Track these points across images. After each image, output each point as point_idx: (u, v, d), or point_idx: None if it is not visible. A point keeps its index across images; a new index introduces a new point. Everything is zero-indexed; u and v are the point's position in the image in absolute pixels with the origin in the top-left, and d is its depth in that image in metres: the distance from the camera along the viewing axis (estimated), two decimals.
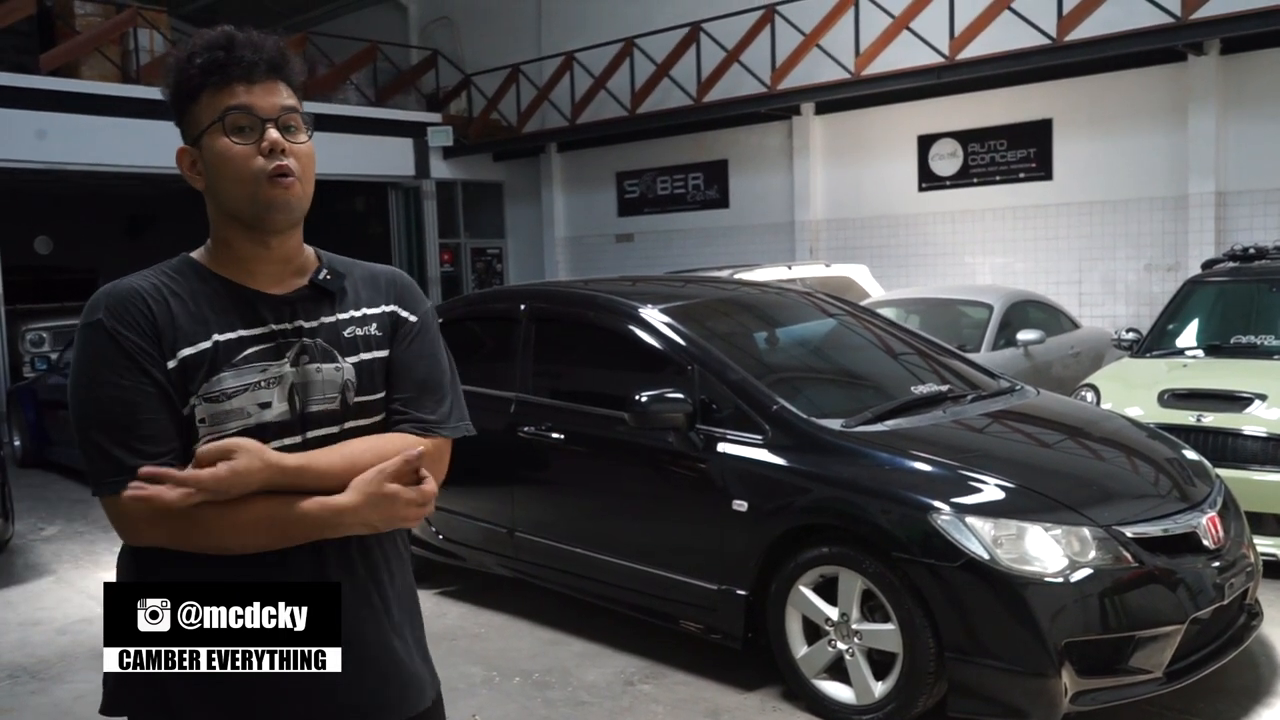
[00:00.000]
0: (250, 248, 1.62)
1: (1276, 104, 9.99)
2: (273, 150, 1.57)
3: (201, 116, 1.58)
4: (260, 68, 1.58)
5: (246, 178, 1.56)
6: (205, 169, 1.60)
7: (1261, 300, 6.56)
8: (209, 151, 1.58)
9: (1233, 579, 3.70)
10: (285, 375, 1.60)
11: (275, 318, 1.62)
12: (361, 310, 1.70)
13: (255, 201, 1.57)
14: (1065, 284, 11.37)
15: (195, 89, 1.58)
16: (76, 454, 1.58)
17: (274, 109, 1.59)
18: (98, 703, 1.71)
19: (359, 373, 1.66)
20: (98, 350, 1.53)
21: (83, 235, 18.25)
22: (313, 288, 1.67)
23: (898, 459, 3.81)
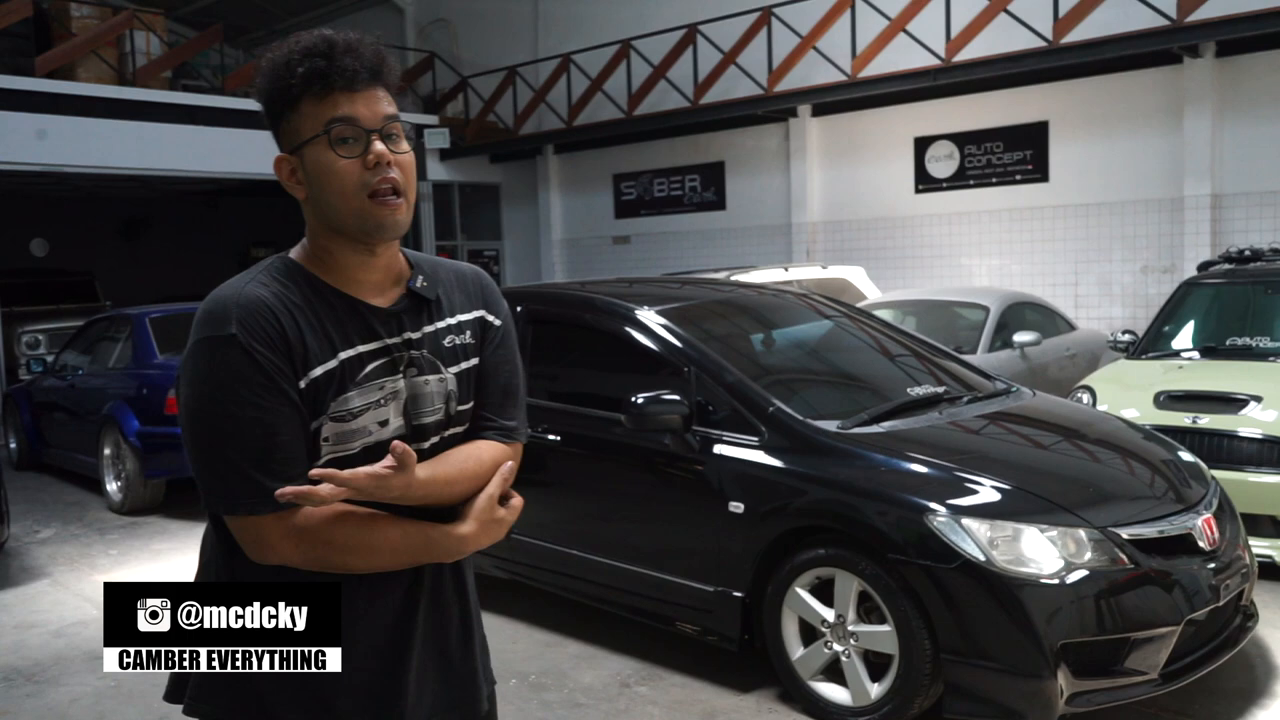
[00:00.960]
0: (355, 257, 1.59)
1: (1271, 106, 10.01)
2: (378, 164, 1.53)
3: (303, 127, 1.55)
4: (362, 75, 1.54)
5: (351, 193, 1.53)
6: (307, 179, 1.57)
7: (1257, 302, 6.57)
8: (312, 163, 1.55)
9: (1228, 580, 3.70)
10: (400, 390, 1.59)
11: (386, 331, 1.60)
12: (456, 317, 1.69)
13: (362, 218, 1.54)
14: (1061, 286, 11.39)
15: (295, 97, 1.54)
16: (71, 457, 1.57)
17: (377, 119, 1.55)
18: (92, 706, 1.70)
19: (459, 382, 1.66)
20: (234, 368, 1.47)
21: (79, 237, 18.25)
22: (411, 296, 1.64)
23: (894, 461, 3.81)
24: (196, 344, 1.51)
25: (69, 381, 8.94)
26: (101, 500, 8.13)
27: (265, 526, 1.48)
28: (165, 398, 7.46)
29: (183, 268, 19.32)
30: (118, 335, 8.53)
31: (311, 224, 1.61)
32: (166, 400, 7.45)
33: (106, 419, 7.90)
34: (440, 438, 1.64)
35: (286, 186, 1.60)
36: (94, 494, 8.35)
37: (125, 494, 7.81)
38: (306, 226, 1.62)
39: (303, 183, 1.58)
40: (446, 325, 1.66)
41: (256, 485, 1.46)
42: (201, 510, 1.60)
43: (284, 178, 1.59)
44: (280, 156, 1.59)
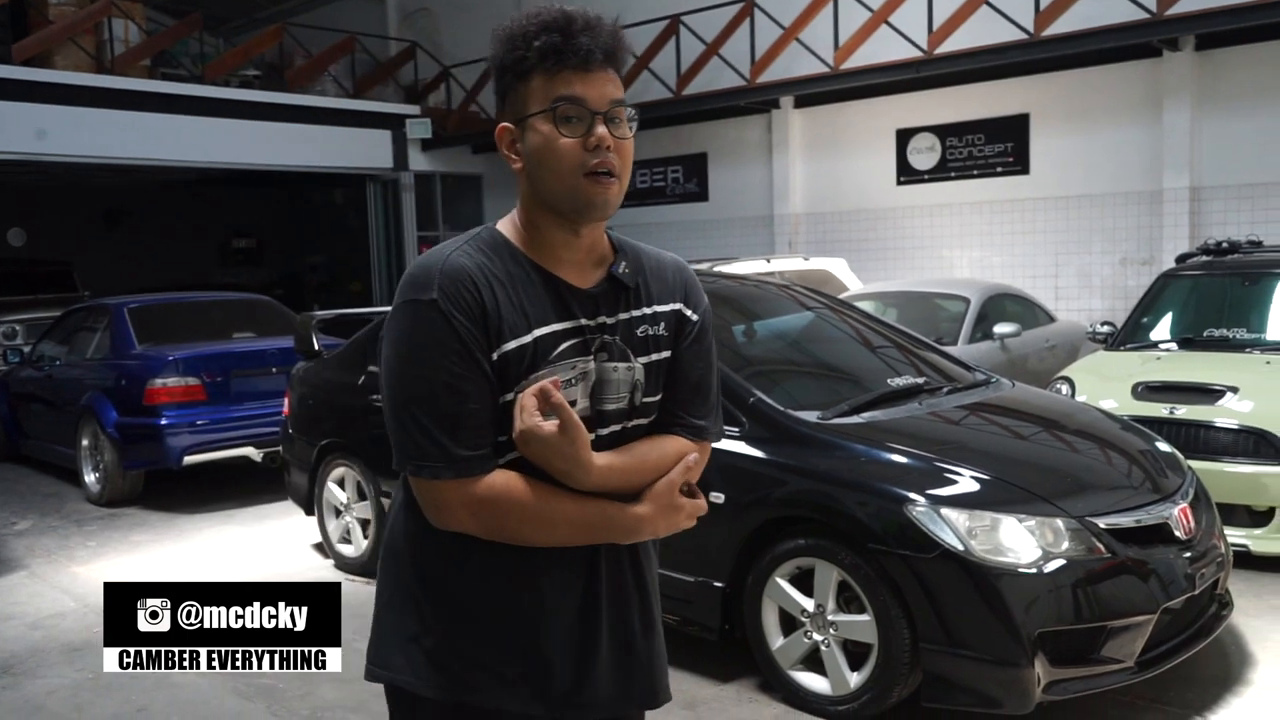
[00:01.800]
0: (560, 235, 1.60)
1: (1249, 100, 10.08)
2: (598, 146, 1.53)
3: (530, 100, 1.55)
4: (596, 56, 1.53)
5: (567, 171, 1.53)
6: (525, 152, 1.57)
7: (1234, 294, 6.62)
8: (533, 137, 1.55)
9: (1203, 569, 3.73)
10: (589, 372, 1.59)
11: (583, 312, 1.60)
12: (653, 308, 1.68)
13: (574, 197, 1.54)
14: (1041, 277, 11.45)
15: (527, 70, 1.54)
16: (49, 448, 1.55)
17: (604, 101, 1.54)
18: (70, 698, 1.70)
19: (647, 373, 1.65)
20: (431, 331, 1.50)
21: (57, 227, 18.09)
22: (611, 281, 1.64)
23: (874, 451, 3.82)
24: (400, 306, 1.54)
25: (46, 372, 8.86)
26: (79, 492, 8.07)
27: (447, 491, 1.51)
28: (144, 388, 7.41)
29: (162, 258, 19.20)
30: (96, 325, 8.47)
31: (524, 196, 1.61)
32: (145, 391, 7.40)
33: (84, 410, 7.85)
34: (622, 427, 1.64)
35: (504, 156, 1.61)
36: (72, 485, 8.29)
37: (103, 485, 7.76)
38: (519, 198, 1.63)
39: (520, 155, 1.58)
40: (641, 314, 1.66)
41: (442, 449, 1.49)
42: (180, 503, 1.59)
43: (503, 147, 1.60)
44: (503, 126, 1.59)
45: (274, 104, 14.84)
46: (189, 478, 7.89)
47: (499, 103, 1.61)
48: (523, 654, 1.61)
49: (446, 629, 1.61)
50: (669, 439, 1.68)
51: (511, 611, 1.60)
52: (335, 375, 5.98)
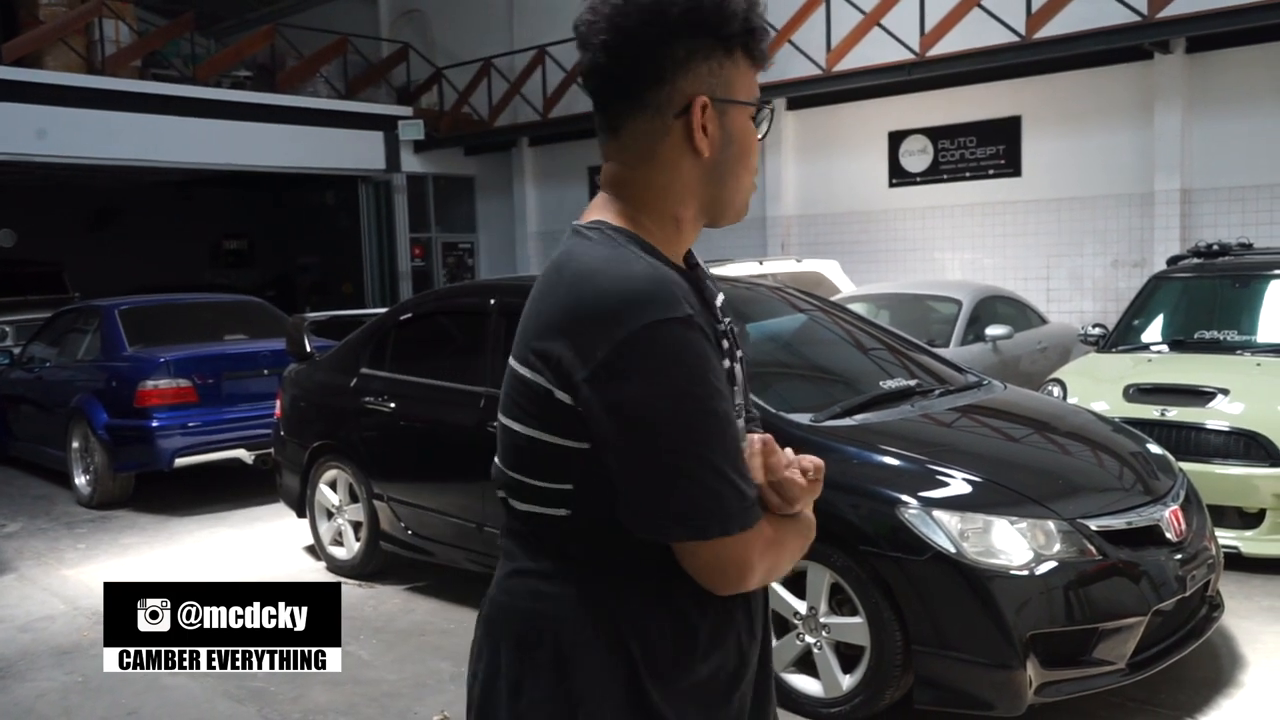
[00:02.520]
0: (691, 232, 1.39)
1: (1240, 103, 10.12)
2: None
3: (738, 84, 1.33)
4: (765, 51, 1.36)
5: (748, 170, 1.38)
6: (721, 141, 1.32)
7: (1225, 296, 6.64)
8: (737, 129, 1.34)
9: (1194, 571, 3.74)
10: (735, 372, 1.37)
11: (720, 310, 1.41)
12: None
13: (744, 195, 1.39)
14: (1033, 280, 11.47)
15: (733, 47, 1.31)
16: (39, 450, 1.51)
17: None
18: (59, 701, 1.68)
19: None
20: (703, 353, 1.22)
21: (47, 228, 18.01)
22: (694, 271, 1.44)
23: (866, 453, 3.82)
24: (650, 328, 1.19)
25: (36, 374, 8.83)
26: (70, 494, 8.04)
27: (752, 543, 1.25)
28: (135, 390, 7.39)
29: (153, 259, 19.13)
30: (86, 327, 8.43)
31: (685, 185, 1.34)
32: (136, 393, 7.38)
33: (75, 412, 7.82)
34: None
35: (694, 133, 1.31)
36: (62, 488, 8.26)
37: (94, 487, 7.73)
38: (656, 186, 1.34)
39: (710, 138, 1.32)
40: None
41: (740, 495, 1.23)
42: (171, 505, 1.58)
43: (698, 120, 1.30)
44: (704, 99, 1.30)
45: (266, 105, 14.81)
46: (180, 480, 7.86)
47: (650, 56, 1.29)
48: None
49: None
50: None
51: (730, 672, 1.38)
52: (327, 377, 5.97)
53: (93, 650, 4.77)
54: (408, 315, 5.83)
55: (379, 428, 5.53)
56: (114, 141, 13.23)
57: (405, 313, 5.89)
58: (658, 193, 1.34)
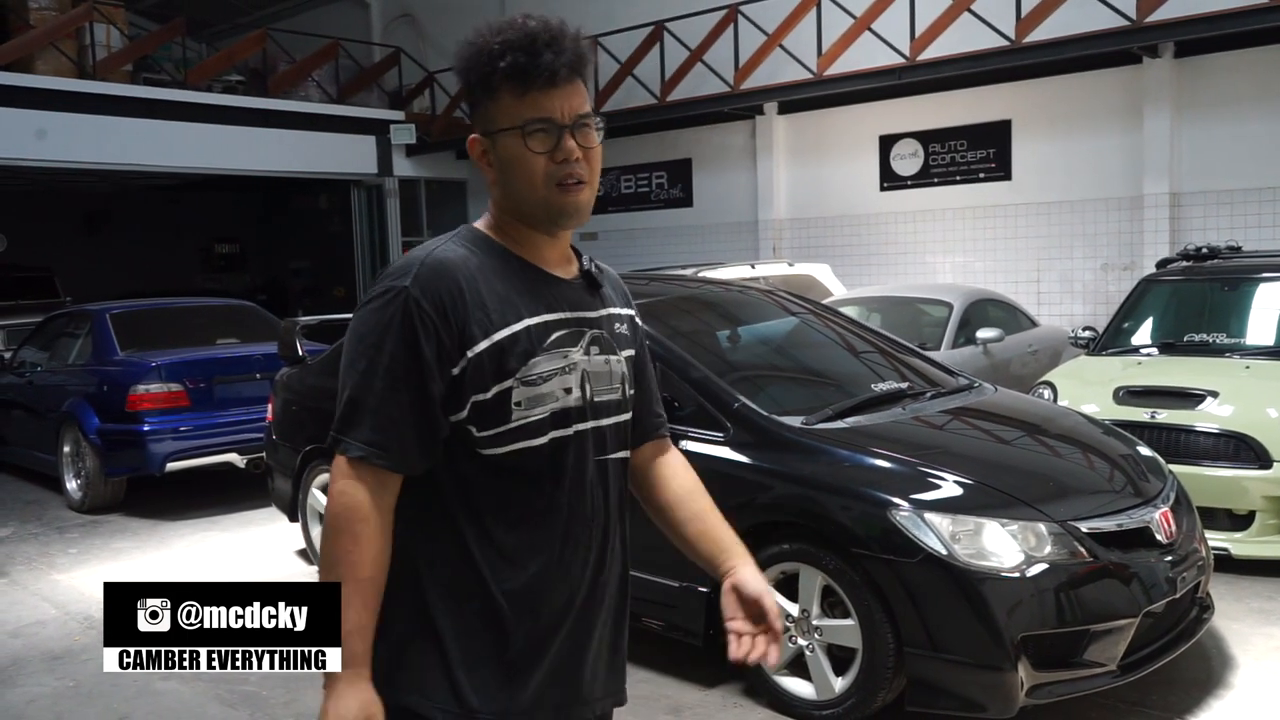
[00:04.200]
0: (537, 237, 1.65)
1: (1228, 106, 10.17)
2: (566, 160, 1.57)
3: (499, 117, 1.58)
4: (561, 73, 1.56)
5: (539, 184, 1.58)
6: (497, 164, 1.61)
7: (1214, 299, 6.67)
8: (504, 151, 1.59)
9: (1185, 573, 3.76)
10: (579, 363, 1.63)
11: (569, 304, 1.65)
12: (617, 309, 1.76)
13: (547, 206, 1.59)
14: (1024, 283, 11.51)
15: (494, 88, 1.57)
16: (30, 455, 1.52)
17: (571, 115, 1.58)
18: (50, 706, 1.68)
19: (628, 366, 1.73)
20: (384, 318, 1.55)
21: (37, 232, 17.95)
22: (586, 276, 1.71)
23: (857, 456, 3.83)
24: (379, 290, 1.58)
25: (27, 378, 8.80)
26: (61, 499, 8.01)
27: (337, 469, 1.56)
28: (126, 394, 7.37)
29: (144, 263, 19.08)
30: (77, 331, 8.41)
31: (499, 203, 1.65)
32: (127, 397, 7.36)
33: (66, 416, 7.79)
34: (615, 421, 1.70)
35: (476, 163, 1.65)
36: (53, 492, 8.23)
37: (85, 492, 7.71)
38: (492, 203, 1.67)
39: (493, 165, 1.62)
40: (612, 313, 1.73)
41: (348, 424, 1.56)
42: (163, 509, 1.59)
43: (475, 156, 1.64)
44: (474, 137, 1.63)
45: (257, 109, 14.79)
46: (172, 484, 7.84)
47: (470, 112, 1.66)
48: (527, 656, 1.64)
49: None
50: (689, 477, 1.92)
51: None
52: (319, 381, 5.96)
53: (84, 655, 4.76)
54: None
55: None
56: (105, 146, 13.20)
57: None
58: (493, 206, 1.67)
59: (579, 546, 1.66)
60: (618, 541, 1.76)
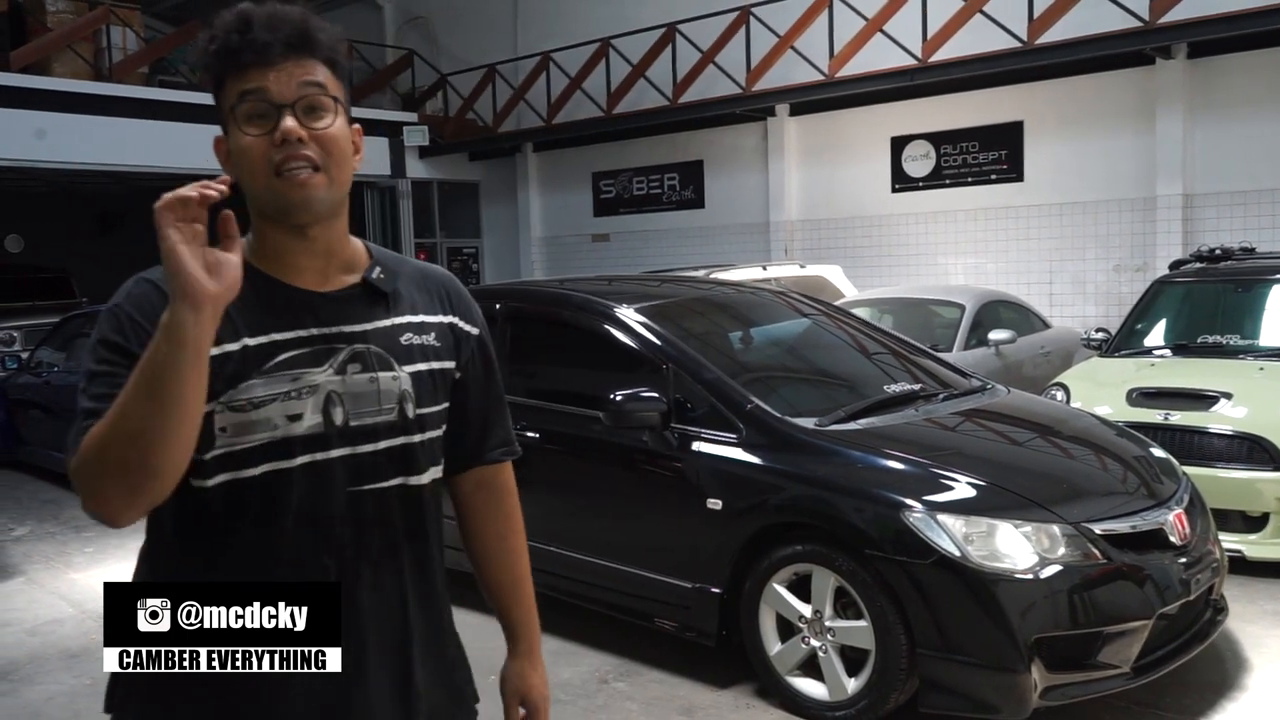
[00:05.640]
0: (288, 240, 1.46)
1: (1242, 107, 10.14)
2: (285, 141, 1.40)
3: (222, 104, 1.45)
4: (276, 47, 1.41)
5: (258, 171, 1.41)
6: (231, 160, 1.45)
7: (1227, 300, 6.65)
8: (232, 141, 1.44)
9: (1199, 575, 3.75)
10: (321, 384, 1.44)
11: (317, 320, 1.46)
12: (419, 317, 1.56)
13: (271, 195, 1.42)
14: (1036, 284, 11.48)
15: (218, 76, 1.44)
16: (47, 455, 1.53)
17: (291, 92, 1.41)
18: (68, 704, 1.70)
19: (417, 383, 1.52)
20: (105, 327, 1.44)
21: (54, 234, 18.07)
22: (365, 286, 1.52)
23: (870, 457, 3.84)
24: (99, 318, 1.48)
25: (44, 378, 8.86)
26: (77, 498, 8.03)
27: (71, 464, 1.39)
28: None
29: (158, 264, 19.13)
30: None
31: (249, 206, 1.49)
32: None
33: None
34: (388, 445, 1.50)
35: (223, 168, 1.46)
36: (70, 492, 8.22)
37: None
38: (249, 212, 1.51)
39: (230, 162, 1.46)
40: (406, 323, 1.54)
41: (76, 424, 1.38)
42: None
43: (220, 159, 1.48)
44: (218, 138, 1.48)
45: None
46: None
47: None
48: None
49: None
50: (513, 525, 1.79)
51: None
52: None
53: (101, 654, 4.79)
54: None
55: None
56: (120, 148, 13.26)
57: None
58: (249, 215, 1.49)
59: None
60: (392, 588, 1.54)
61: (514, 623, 1.74)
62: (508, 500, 1.77)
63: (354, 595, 1.48)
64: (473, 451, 1.67)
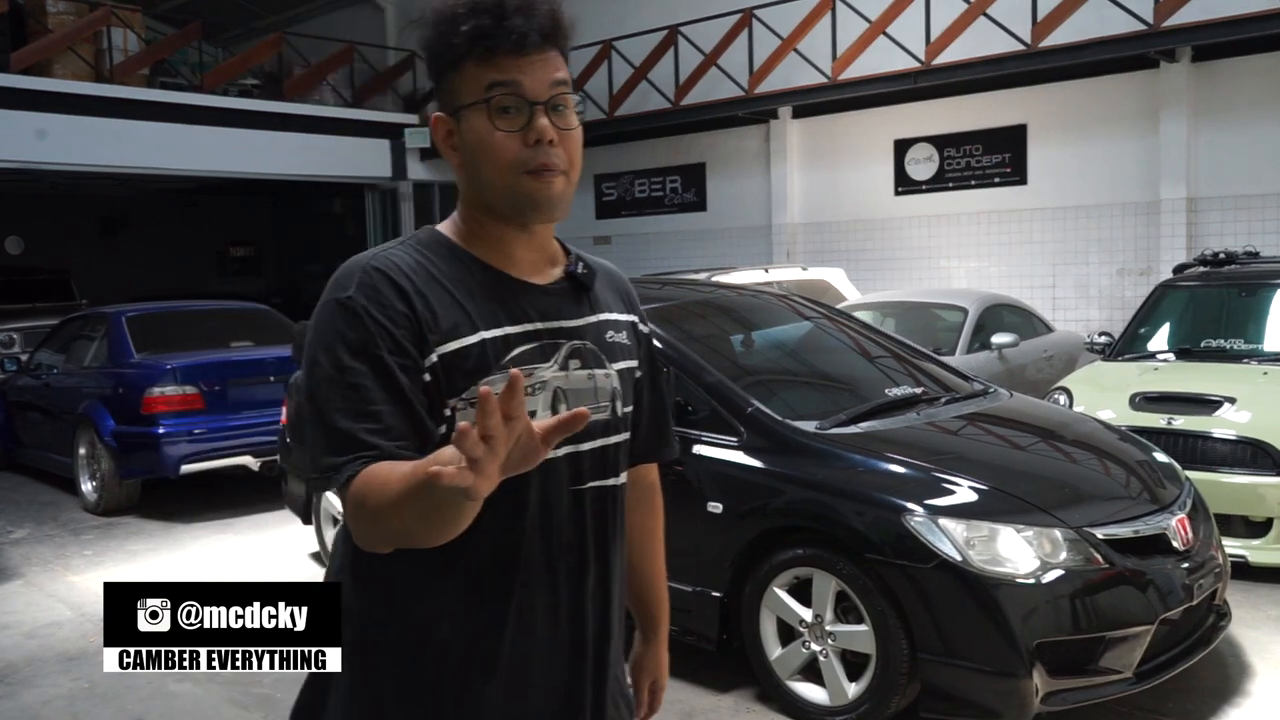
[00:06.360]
0: (508, 231, 1.44)
1: (1246, 111, 10.12)
2: (539, 141, 1.38)
3: (463, 89, 1.39)
4: (533, 38, 1.37)
5: (506, 168, 1.38)
6: (462, 147, 1.42)
7: (1231, 304, 6.63)
8: (469, 130, 1.40)
9: (1201, 580, 3.73)
10: (549, 381, 1.41)
11: (540, 314, 1.43)
12: (613, 314, 1.54)
13: (515, 195, 1.39)
14: (1039, 288, 11.46)
15: (458, 57, 1.38)
16: (46, 457, 1.50)
17: (544, 88, 1.39)
18: (66, 708, 1.67)
19: (621, 381, 1.51)
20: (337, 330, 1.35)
21: (55, 235, 18.10)
22: (570, 280, 1.49)
23: (871, 461, 3.82)
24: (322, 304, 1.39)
25: (43, 380, 8.86)
26: (76, 500, 8.05)
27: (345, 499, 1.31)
28: (141, 397, 7.40)
29: (160, 266, 19.19)
30: (94, 334, 8.46)
31: (464, 192, 1.46)
32: (143, 399, 7.40)
33: (82, 418, 7.83)
34: (606, 443, 1.48)
35: (440, 149, 1.45)
36: (69, 494, 8.28)
37: (100, 494, 7.74)
38: (460, 194, 1.48)
39: (458, 149, 1.43)
40: (606, 319, 1.52)
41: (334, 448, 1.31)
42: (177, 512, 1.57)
43: (439, 139, 1.45)
44: (437, 116, 1.44)
45: (272, 113, 14.87)
46: (186, 486, 7.87)
47: (435, 91, 1.46)
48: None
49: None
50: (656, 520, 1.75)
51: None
52: None
53: (99, 657, 4.77)
54: None
55: None
56: (121, 149, 13.28)
57: None
58: (460, 199, 1.48)
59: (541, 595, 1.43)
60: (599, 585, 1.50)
61: (653, 611, 1.76)
62: (657, 496, 1.77)
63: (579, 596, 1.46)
64: (640, 450, 1.63)
